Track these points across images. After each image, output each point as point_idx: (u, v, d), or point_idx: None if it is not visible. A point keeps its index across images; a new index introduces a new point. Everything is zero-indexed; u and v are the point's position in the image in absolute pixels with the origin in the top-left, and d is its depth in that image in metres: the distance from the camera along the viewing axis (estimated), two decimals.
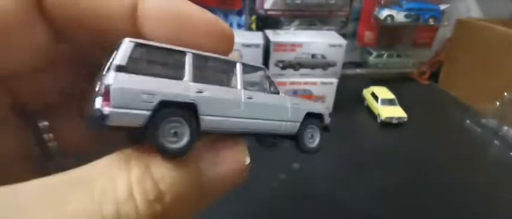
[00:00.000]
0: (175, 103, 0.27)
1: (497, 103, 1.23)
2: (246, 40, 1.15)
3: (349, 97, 1.40)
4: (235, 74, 0.33)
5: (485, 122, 1.23)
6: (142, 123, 0.25)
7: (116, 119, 0.24)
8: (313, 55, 1.22)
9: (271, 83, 0.37)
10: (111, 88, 0.24)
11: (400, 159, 1.05)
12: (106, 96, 0.24)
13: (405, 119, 1.23)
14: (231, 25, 1.37)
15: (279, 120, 0.35)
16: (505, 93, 1.22)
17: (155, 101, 0.25)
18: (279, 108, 0.36)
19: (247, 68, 0.34)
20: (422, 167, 1.02)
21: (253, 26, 1.42)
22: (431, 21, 1.49)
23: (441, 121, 1.34)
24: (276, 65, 1.23)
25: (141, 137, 0.27)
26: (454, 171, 1.00)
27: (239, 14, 1.39)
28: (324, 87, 1.26)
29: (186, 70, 0.28)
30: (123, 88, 0.24)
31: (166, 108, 0.26)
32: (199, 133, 0.28)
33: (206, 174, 0.28)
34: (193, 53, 0.29)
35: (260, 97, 0.34)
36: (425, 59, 1.71)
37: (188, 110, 0.27)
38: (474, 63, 1.42)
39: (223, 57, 0.32)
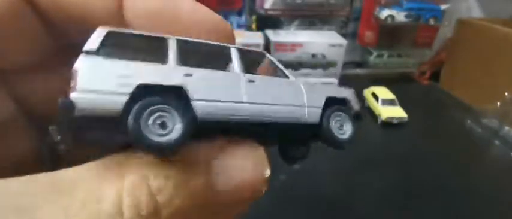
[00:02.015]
0: (158, 88, 0.23)
1: (498, 103, 1.22)
2: (246, 40, 1.15)
3: None
4: (231, 59, 0.28)
5: (486, 122, 1.23)
6: (119, 110, 0.21)
7: (85, 105, 0.20)
8: (313, 55, 1.22)
9: (277, 68, 0.31)
10: (78, 71, 0.21)
11: (400, 159, 1.05)
12: (73, 80, 0.20)
13: (406, 120, 1.23)
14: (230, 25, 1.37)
15: (297, 105, 0.29)
16: (506, 93, 1.22)
17: (132, 84, 0.22)
18: (292, 90, 0.29)
19: (245, 54, 0.30)
20: (423, 167, 1.01)
21: (253, 25, 1.42)
22: (432, 21, 1.48)
23: (442, 121, 1.34)
24: None
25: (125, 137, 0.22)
26: (454, 171, 1.00)
27: (239, 13, 1.39)
28: None
29: (170, 55, 0.25)
30: (91, 68, 0.21)
31: (148, 94, 0.22)
32: (195, 124, 0.23)
33: (215, 185, 0.23)
34: (177, 38, 0.26)
35: (266, 80, 0.28)
36: (426, 59, 1.70)
37: (176, 96, 0.23)
38: (475, 63, 1.42)
39: (214, 42, 0.28)
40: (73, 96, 0.20)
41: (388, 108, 1.25)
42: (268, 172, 0.26)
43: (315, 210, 0.82)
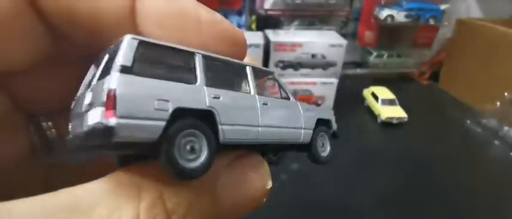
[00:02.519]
0: (191, 111, 0.22)
1: (498, 103, 1.23)
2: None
3: (349, 97, 1.40)
4: (247, 78, 0.29)
5: (486, 122, 1.23)
6: (156, 137, 0.20)
7: (125, 133, 0.18)
8: (313, 55, 1.22)
9: (281, 87, 0.34)
10: (117, 93, 0.19)
11: (400, 159, 1.05)
12: (110, 103, 0.19)
13: (405, 120, 1.23)
14: None
15: (297, 128, 0.32)
16: (505, 93, 1.22)
17: (170, 109, 0.21)
18: (294, 114, 0.32)
19: (256, 71, 0.31)
20: (422, 167, 1.01)
21: (253, 26, 1.42)
22: (431, 21, 1.49)
23: (441, 121, 1.34)
24: (276, 65, 1.23)
25: (145, 156, 0.22)
26: (454, 171, 1.00)
27: (239, 14, 1.39)
28: (324, 87, 1.26)
29: (198, 73, 0.24)
30: (132, 93, 0.19)
31: (182, 118, 0.21)
32: (218, 148, 0.23)
33: (224, 199, 0.24)
34: (202, 54, 0.25)
35: (275, 103, 0.30)
36: (425, 59, 1.71)
37: (205, 119, 0.23)
38: (474, 63, 1.42)
39: (231, 59, 0.28)
40: (113, 122, 0.18)
41: (387, 108, 1.25)
42: (270, 184, 0.27)
43: (315, 209, 0.82)
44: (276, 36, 1.24)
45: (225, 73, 0.28)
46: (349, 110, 1.34)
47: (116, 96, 0.19)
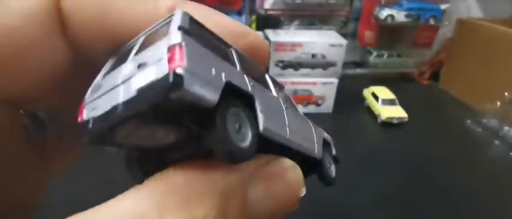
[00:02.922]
0: (236, 91, 0.21)
1: (498, 103, 1.23)
2: None
3: (349, 97, 1.40)
4: (268, 82, 0.29)
5: (486, 122, 1.23)
6: (215, 101, 0.18)
7: (190, 86, 0.16)
8: (313, 55, 1.22)
9: (291, 102, 0.33)
10: (183, 45, 0.17)
11: (400, 159, 1.05)
12: (175, 55, 0.17)
13: (406, 120, 1.23)
14: None
15: (313, 140, 0.31)
16: (506, 93, 1.22)
17: (223, 79, 0.19)
18: (309, 127, 0.31)
19: (273, 81, 0.30)
20: (422, 167, 1.01)
21: (253, 25, 1.42)
22: (431, 21, 1.48)
23: (442, 121, 1.34)
24: (276, 65, 1.23)
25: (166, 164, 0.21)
26: (454, 171, 1.00)
27: (239, 13, 1.39)
28: (324, 87, 1.26)
29: (236, 61, 0.23)
30: (195, 51, 0.18)
31: (229, 94, 0.20)
32: (259, 135, 0.22)
33: (253, 207, 0.22)
34: (235, 48, 0.25)
35: (292, 110, 0.29)
36: (425, 59, 1.70)
37: (246, 103, 0.22)
38: (475, 63, 1.42)
39: (255, 63, 0.28)
40: (181, 70, 0.16)
41: (388, 108, 1.25)
42: (304, 192, 0.26)
43: (314, 209, 0.82)
44: (276, 36, 1.24)
45: (254, 73, 0.27)
46: (349, 110, 1.34)
47: (182, 48, 0.17)
